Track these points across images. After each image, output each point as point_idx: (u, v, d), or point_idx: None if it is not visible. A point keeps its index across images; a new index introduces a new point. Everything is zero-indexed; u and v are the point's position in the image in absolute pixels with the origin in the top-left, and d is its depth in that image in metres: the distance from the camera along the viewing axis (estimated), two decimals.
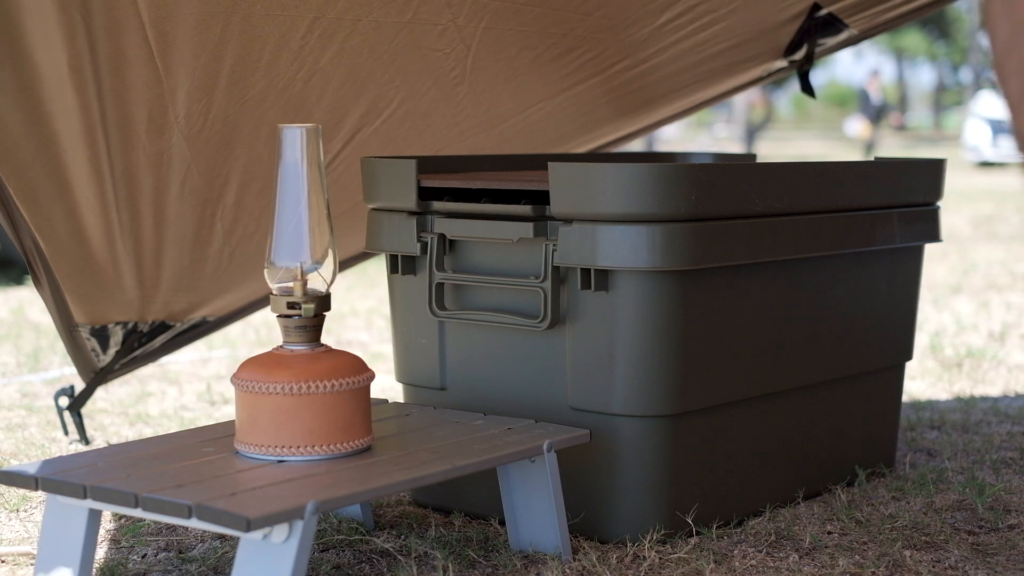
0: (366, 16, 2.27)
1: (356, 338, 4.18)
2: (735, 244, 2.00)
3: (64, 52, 2.09)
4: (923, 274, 2.47)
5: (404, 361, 2.23)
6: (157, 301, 2.64)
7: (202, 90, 2.26)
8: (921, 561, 1.92)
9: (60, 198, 2.32)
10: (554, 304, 2.00)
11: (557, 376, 2.03)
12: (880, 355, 2.36)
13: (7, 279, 5.55)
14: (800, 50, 2.92)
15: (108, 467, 1.75)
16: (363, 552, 1.99)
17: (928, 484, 2.32)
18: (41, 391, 3.31)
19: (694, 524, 2.03)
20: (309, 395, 1.76)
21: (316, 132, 1.84)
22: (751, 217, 2.02)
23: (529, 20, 2.47)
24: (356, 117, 2.49)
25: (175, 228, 2.48)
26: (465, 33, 2.42)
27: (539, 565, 1.90)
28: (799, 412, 2.22)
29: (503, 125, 2.77)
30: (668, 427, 1.99)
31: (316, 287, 1.83)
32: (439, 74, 2.50)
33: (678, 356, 1.97)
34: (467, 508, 2.16)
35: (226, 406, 3.13)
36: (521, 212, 2.02)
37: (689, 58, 2.80)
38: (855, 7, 2.81)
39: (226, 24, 2.16)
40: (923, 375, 3.47)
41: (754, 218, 2.03)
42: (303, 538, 1.59)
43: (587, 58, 2.66)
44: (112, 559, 1.96)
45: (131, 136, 2.28)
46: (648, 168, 1.93)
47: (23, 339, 4.11)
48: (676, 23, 2.64)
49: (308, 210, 1.82)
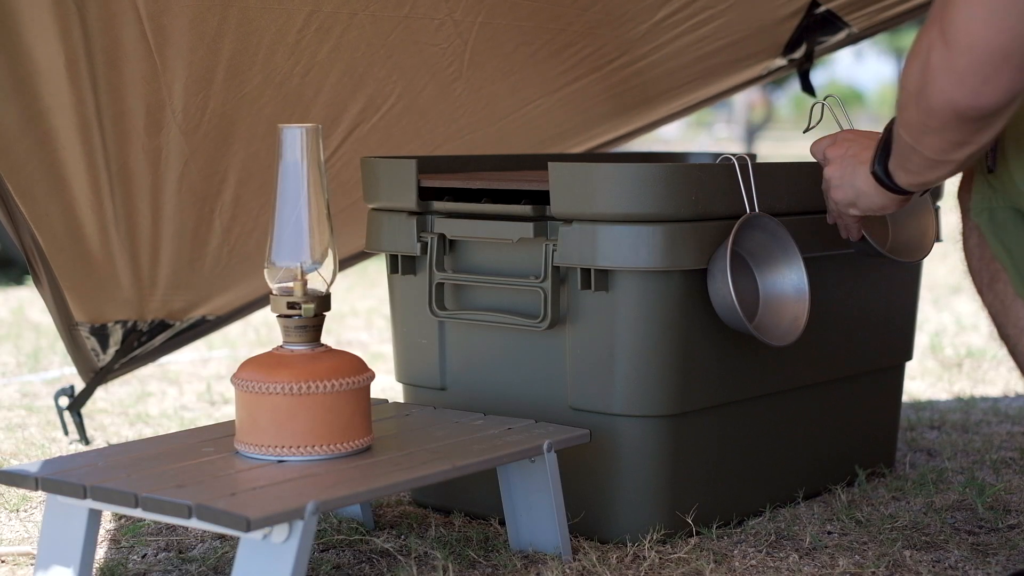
0: (363, 10, 2.27)
1: (356, 338, 4.18)
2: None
3: (60, 46, 2.09)
4: (923, 274, 2.47)
5: (404, 361, 2.23)
6: (156, 299, 2.64)
7: (199, 84, 2.25)
8: (921, 561, 1.92)
9: (57, 194, 2.32)
10: (554, 304, 2.00)
11: (557, 376, 2.03)
12: (880, 355, 2.36)
13: (7, 279, 5.55)
14: (799, 48, 2.92)
15: (108, 467, 1.75)
16: (363, 552, 1.99)
17: (928, 484, 2.32)
18: (41, 391, 3.31)
19: (694, 524, 2.03)
20: (309, 395, 1.76)
21: (316, 132, 1.84)
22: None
23: (526, 15, 2.47)
24: (354, 112, 2.49)
25: (173, 225, 2.48)
26: (462, 28, 2.42)
27: (539, 565, 1.90)
28: (799, 412, 2.22)
29: (501, 122, 2.77)
30: (668, 427, 1.99)
31: (316, 287, 1.83)
32: (436, 69, 2.49)
33: (678, 356, 1.97)
34: (467, 508, 2.16)
35: (226, 406, 3.13)
36: (521, 212, 2.02)
37: (687, 55, 2.80)
38: (854, 4, 2.81)
39: (223, 17, 2.16)
40: (923, 375, 3.47)
41: None
42: (303, 538, 1.59)
43: (585, 54, 2.65)
44: (112, 559, 1.96)
45: (128, 132, 2.28)
46: (648, 168, 1.93)
47: (23, 339, 4.11)
48: (674, 19, 2.64)
49: (308, 210, 1.82)
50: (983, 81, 1.44)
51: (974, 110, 1.47)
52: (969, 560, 1.93)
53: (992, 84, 1.44)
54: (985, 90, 1.45)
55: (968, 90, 1.45)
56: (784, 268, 2.03)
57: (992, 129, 1.53)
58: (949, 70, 1.45)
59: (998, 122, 1.52)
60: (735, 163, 1.99)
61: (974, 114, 1.48)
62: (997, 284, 1.68)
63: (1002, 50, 1.42)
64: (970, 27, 1.42)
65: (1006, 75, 1.43)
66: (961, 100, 1.47)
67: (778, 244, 2.02)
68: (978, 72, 1.44)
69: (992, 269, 1.68)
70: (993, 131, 1.54)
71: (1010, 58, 1.42)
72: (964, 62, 1.44)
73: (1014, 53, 1.42)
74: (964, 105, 1.47)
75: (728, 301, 1.91)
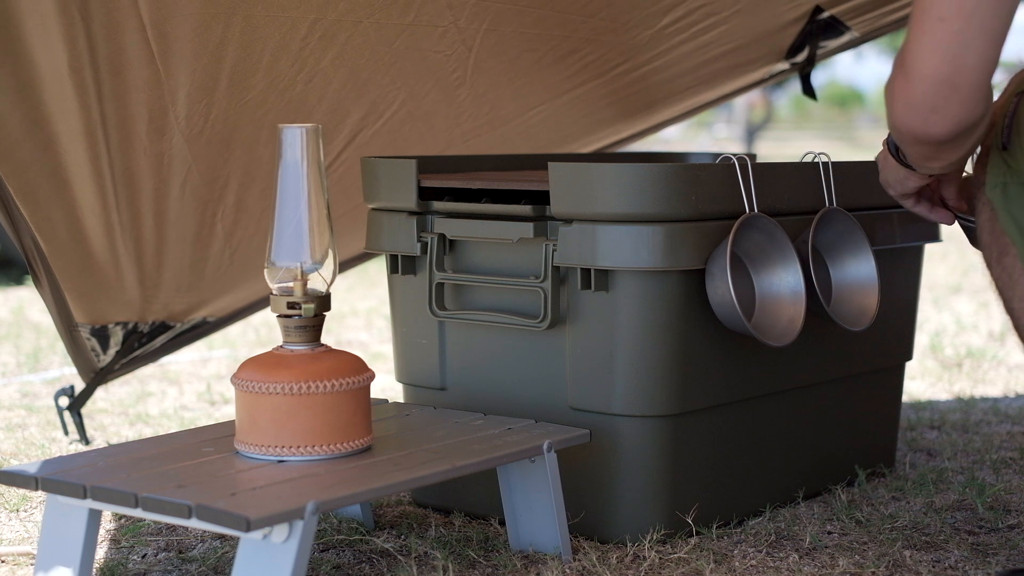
0: (367, 18, 2.27)
1: (356, 338, 4.18)
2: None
3: (64, 53, 2.09)
4: (923, 274, 2.47)
5: (404, 361, 2.23)
6: (158, 301, 2.64)
7: (203, 91, 2.25)
8: (921, 561, 1.92)
9: (60, 198, 2.32)
10: (554, 304, 2.00)
11: (557, 376, 2.03)
12: (880, 355, 2.36)
13: (7, 279, 5.55)
14: (802, 52, 2.92)
15: (108, 467, 1.75)
16: (363, 552, 1.99)
17: (928, 484, 2.32)
18: (41, 391, 3.31)
19: (694, 524, 2.03)
20: (309, 395, 1.76)
21: (316, 132, 1.84)
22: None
23: (531, 22, 2.47)
24: (357, 119, 2.49)
25: (176, 229, 2.48)
26: (466, 35, 2.42)
27: (539, 565, 1.90)
28: (799, 412, 2.22)
29: (505, 127, 2.77)
30: (668, 427, 1.99)
31: (316, 287, 1.83)
32: (440, 76, 2.49)
33: (678, 356, 1.97)
34: (467, 508, 2.16)
35: (226, 406, 3.13)
36: (521, 212, 2.02)
37: (691, 61, 2.80)
38: (857, 10, 2.81)
39: (227, 25, 2.16)
40: (923, 375, 3.47)
41: None
42: (303, 538, 1.59)
43: (589, 60, 2.66)
44: (112, 559, 1.96)
45: (131, 137, 2.28)
46: (648, 168, 1.93)
47: (23, 339, 4.11)
48: (678, 26, 2.64)
49: (308, 210, 1.82)
50: (932, 110, 1.50)
51: (928, 136, 1.54)
52: (969, 560, 1.93)
53: (941, 114, 1.50)
54: (934, 119, 1.51)
55: (920, 119, 1.52)
56: (780, 269, 2.03)
57: (960, 149, 1.60)
58: (904, 98, 1.52)
59: (961, 147, 1.58)
60: (735, 163, 1.99)
61: (929, 140, 1.55)
62: (1006, 258, 1.69)
63: (949, 81, 1.48)
64: (922, 57, 1.49)
65: (955, 106, 1.50)
66: (916, 127, 1.54)
67: (775, 245, 2.02)
68: (927, 102, 1.50)
69: (1002, 243, 1.69)
70: (962, 151, 1.61)
71: (958, 89, 1.49)
72: (917, 91, 1.50)
73: (962, 85, 1.49)
74: (919, 132, 1.54)
75: (727, 301, 1.92)
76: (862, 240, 2.13)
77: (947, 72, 1.47)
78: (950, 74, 1.48)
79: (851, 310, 2.12)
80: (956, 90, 1.49)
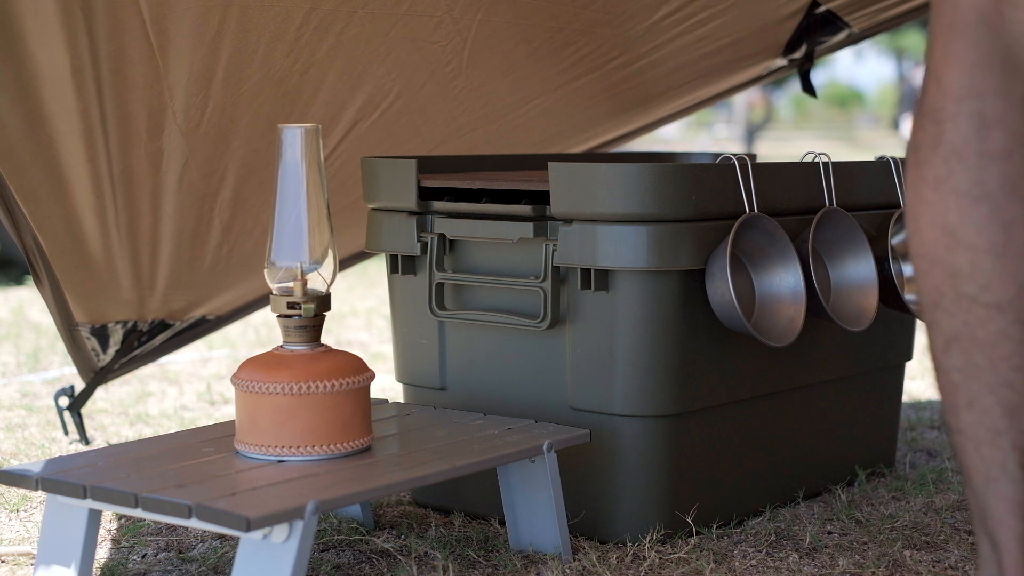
0: (362, 8, 2.27)
1: (356, 338, 4.18)
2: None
3: (66, 54, 2.09)
4: None
5: (404, 361, 2.23)
6: (156, 299, 2.64)
7: (199, 84, 2.25)
8: (921, 561, 1.92)
9: (59, 197, 2.32)
10: (554, 304, 2.00)
11: (557, 376, 2.03)
12: (880, 355, 2.36)
13: (7, 279, 5.55)
14: (800, 48, 2.92)
15: (108, 467, 1.75)
16: (363, 552, 1.99)
17: (928, 484, 2.32)
18: (41, 391, 3.31)
19: (694, 524, 2.03)
20: (309, 395, 1.76)
21: (316, 132, 1.84)
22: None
23: (525, 13, 2.46)
24: (353, 111, 2.49)
25: (172, 224, 2.48)
26: (461, 25, 2.41)
27: (539, 565, 1.90)
28: (799, 412, 2.22)
29: (501, 120, 2.77)
30: (668, 427, 1.99)
31: (316, 287, 1.83)
32: (435, 67, 2.49)
33: (678, 356, 1.97)
34: (467, 508, 2.16)
35: (226, 406, 3.13)
36: (521, 212, 2.02)
37: (687, 54, 2.80)
38: (854, 4, 2.81)
39: (223, 17, 2.16)
40: (923, 375, 3.47)
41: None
42: (303, 538, 1.59)
43: (584, 53, 2.65)
44: (112, 559, 1.96)
45: (131, 135, 2.28)
46: (648, 168, 1.93)
47: (23, 339, 4.11)
48: (674, 18, 2.63)
49: (308, 210, 1.82)
50: (917, 272, 1.44)
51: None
52: (969, 560, 1.93)
53: (926, 280, 1.43)
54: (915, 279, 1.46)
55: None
56: (780, 269, 2.03)
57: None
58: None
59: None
60: (735, 163, 1.99)
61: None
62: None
63: (929, 255, 1.42)
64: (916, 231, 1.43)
65: (937, 274, 1.42)
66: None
67: (775, 245, 2.02)
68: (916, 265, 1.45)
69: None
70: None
71: (936, 264, 1.41)
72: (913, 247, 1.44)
73: (939, 261, 1.40)
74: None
75: (727, 301, 1.92)
76: (862, 240, 2.13)
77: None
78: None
79: (851, 310, 2.12)
80: (935, 264, 1.42)
